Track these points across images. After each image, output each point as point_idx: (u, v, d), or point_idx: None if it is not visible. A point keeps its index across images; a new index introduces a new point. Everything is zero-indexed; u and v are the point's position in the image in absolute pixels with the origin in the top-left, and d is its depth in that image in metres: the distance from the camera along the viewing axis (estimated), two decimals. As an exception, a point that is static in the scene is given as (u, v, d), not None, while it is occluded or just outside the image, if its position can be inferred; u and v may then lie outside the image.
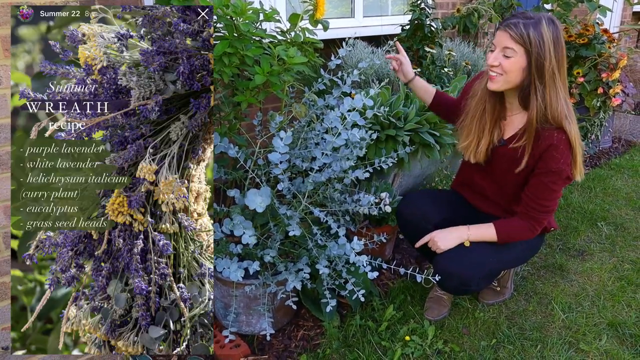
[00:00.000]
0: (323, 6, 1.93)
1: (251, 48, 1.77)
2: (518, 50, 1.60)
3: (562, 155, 1.66)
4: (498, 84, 1.67)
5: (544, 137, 1.67)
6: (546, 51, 1.58)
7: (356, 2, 3.46)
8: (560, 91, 1.64)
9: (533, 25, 1.58)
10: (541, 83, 1.61)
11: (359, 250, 1.62)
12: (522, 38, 1.58)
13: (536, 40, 1.57)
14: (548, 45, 1.58)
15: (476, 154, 1.80)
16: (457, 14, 3.62)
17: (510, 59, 1.61)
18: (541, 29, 1.58)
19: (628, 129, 4.64)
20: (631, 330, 1.97)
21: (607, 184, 3.35)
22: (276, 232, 1.76)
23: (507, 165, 1.79)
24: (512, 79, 1.65)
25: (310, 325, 2.01)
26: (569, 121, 1.66)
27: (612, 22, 5.80)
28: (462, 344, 1.91)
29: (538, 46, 1.58)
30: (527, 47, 1.59)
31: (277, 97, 1.96)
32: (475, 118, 1.78)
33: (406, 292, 2.18)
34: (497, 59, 1.64)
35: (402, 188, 2.58)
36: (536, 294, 2.20)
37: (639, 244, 2.60)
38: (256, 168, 1.81)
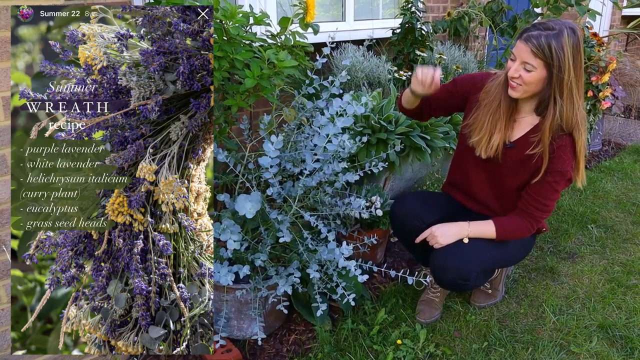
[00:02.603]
0: (313, 10, 1.93)
1: (241, 52, 1.76)
2: (538, 65, 1.60)
3: (567, 156, 1.70)
4: (519, 92, 1.68)
5: (555, 140, 1.70)
6: (567, 65, 1.58)
7: (347, 5, 3.47)
8: (576, 102, 1.65)
9: (555, 37, 1.56)
10: (561, 97, 1.63)
11: (348, 255, 1.62)
12: (544, 53, 1.57)
13: (557, 54, 1.56)
14: (568, 59, 1.57)
15: (487, 149, 1.79)
16: (447, 18, 3.63)
17: (530, 72, 1.62)
18: (562, 41, 1.56)
19: (617, 131, 4.68)
20: (621, 332, 1.98)
21: (597, 186, 3.37)
22: (267, 236, 1.76)
23: (515, 168, 1.80)
24: (531, 89, 1.66)
25: (301, 330, 2.00)
26: (579, 131, 1.68)
27: (601, 25, 5.85)
28: (453, 347, 1.91)
29: (559, 60, 1.57)
30: (548, 61, 1.58)
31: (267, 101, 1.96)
32: (489, 114, 1.77)
33: (398, 295, 2.18)
34: (517, 71, 1.64)
35: (393, 191, 2.58)
36: (527, 296, 2.20)
37: (628, 246, 2.62)
38: (246, 172, 1.80)
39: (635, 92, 4.35)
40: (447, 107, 1.98)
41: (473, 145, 1.83)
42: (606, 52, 3.57)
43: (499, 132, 1.76)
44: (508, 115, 1.77)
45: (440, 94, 1.92)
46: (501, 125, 1.76)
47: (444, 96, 1.93)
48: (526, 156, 1.75)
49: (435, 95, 1.91)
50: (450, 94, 1.93)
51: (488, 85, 1.81)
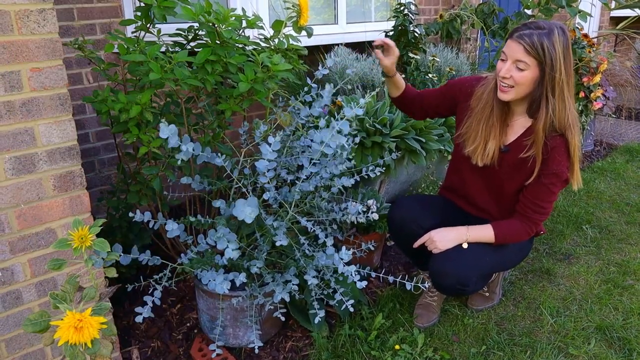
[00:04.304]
0: (307, 13, 1.91)
1: (234, 55, 1.74)
2: (531, 64, 1.58)
3: (562, 157, 1.69)
4: (510, 95, 1.66)
5: (548, 141, 1.69)
6: (559, 64, 1.57)
7: (339, 8, 3.46)
8: (568, 102, 1.64)
9: (546, 36, 1.56)
10: (553, 96, 1.62)
11: (348, 260, 1.59)
12: (537, 51, 1.56)
13: (550, 52, 1.56)
14: (559, 58, 1.57)
15: (483, 157, 1.78)
16: (440, 20, 3.64)
17: (522, 72, 1.60)
18: (554, 40, 1.56)
19: (609, 132, 4.71)
20: (619, 333, 1.97)
21: (590, 187, 3.38)
22: (263, 242, 1.73)
23: (511, 172, 1.79)
24: (523, 90, 1.64)
25: (298, 336, 1.97)
26: (572, 131, 1.67)
27: (590, 27, 5.89)
28: (452, 351, 1.90)
29: (552, 59, 1.56)
30: (540, 59, 1.57)
31: (260, 105, 1.94)
32: (483, 121, 1.76)
33: (395, 299, 2.16)
34: (509, 72, 1.62)
35: (388, 195, 2.57)
36: (524, 298, 2.20)
37: (623, 247, 2.62)
38: (242, 177, 1.78)
39: (625, 93, 4.39)
40: (438, 108, 1.97)
41: (469, 154, 1.82)
42: (597, 53, 3.59)
43: (494, 139, 1.75)
44: (502, 121, 1.75)
45: (433, 94, 1.94)
46: (496, 132, 1.75)
47: (435, 96, 1.94)
48: (521, 159, 1.74)
49: (428, 94, 1.94)
50: (442, 95, 1.93)
51: (478, 91, 1.80)
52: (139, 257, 1.61)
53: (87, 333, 1.04)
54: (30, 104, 1.34)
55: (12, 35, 1.27)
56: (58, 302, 1.10)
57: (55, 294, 1.11)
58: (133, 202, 1.97)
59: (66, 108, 1.40)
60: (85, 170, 1.51)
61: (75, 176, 1.46)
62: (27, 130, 1.35)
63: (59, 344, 1.03)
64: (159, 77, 1.59)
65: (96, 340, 1.06)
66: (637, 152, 4.08)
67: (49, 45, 1.33)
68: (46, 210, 1.43)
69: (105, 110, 1.73)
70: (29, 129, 1.35)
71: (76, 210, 1.48)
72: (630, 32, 4.80)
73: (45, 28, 1.32)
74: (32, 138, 1.36)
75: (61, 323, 1.04)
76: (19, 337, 1.48)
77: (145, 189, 1.98)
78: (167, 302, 2.17)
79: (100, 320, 1.07)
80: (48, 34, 1.33)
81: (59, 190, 1.44)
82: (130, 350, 1.89)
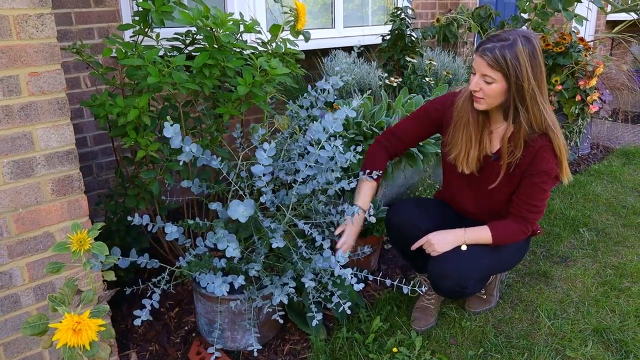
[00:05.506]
0: (304, 17, 1.92)
1: (232, 59, 1.75)
2: (496, 77, 1.63)
3: (549, 155, 1.72)
4: (483, 105, 1.71)
5: (532, 143, 1.72)
6: (524, 73, 1.60)
7: (337, 12, 3.47)
8: (542, 105, 1.68)
9: (509, 48, 1.59)
10: (523, 104, 1.66)
11: (344, 263, 1.60)
12: (499, 64, 1.60)
13: (513, 63, 1.59)
14: (525, 67, 1.60)
15: (468, 164, 1.82)
16: (436, 24, 3.66)
17: (490, 84, 1.65)
18: (517, 51, 1.59)
19: (606, 135, 4.73)
20: (616, 335, 1.98)
21: (587, 189, 3.40)
22: (260, 245, 1.74)
23: (501, 181, 1.81)
24: (494, 101, 1.69)
25: (296, 339, 1.98)
26: (554, 131, 1.71)
27: (587, 30, 5.92)
28: (449, 354, 1.90)
29: (516, 69, 1.60)
30: (504, 71, 1.61)
31: (257, 109, 1.95)
32: (460, 130, 1.81)
33: (392, 302, 2.17)
34: (478, 85, 1.67)
35: (386, 198, 2.57)
36: (521, 301, 2.20)
37: (620, 249, 2.63)
38: (239, 180, 1.78)
39: (621, 96, 4.41)
40: (421, 135, 1.99)
41: (454, 162, 1.86)
42: (593, 57, 3.61)
43: (475, 146, 1.79)
44: (480, 128, 1.79)
45: (410, 128, 1.96)
46: (475, 139, 1.79)
47: (413, 130, 1.96)
48: (509, 165, 1.76)
49: (404, 132, 1.95)
50: (420, 122, 1.95)
51: (457, 102, 1.84)
52: (138, 260, 1.61)
53: (86, 335, 1.04)
54: (29, 108, 1.34)
55: (10, 39, 1.28)
56: (56, 305, 1.10)
57: (54, 297, 1.12)
58: (131, 205, 1.98)
59: (64, 112, 1.41)
60: (83, 174, 1.51)
61: (73, 180, 1.46)
62: (26, 134, 1.35)
63: (57, 346, 1.03)
64: (157, 81, 1.60)
65: (94, 343, 1.07)
66: (633, 155, 4.10)
67: (47, 49, 1.34)
68: (44, 214, 1.43)
69: (103, 114, 1.73)
70: (27, 133, 1.35)
71: (74, 214, 1.49)
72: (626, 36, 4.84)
73: (44, 33, 1.33)
74: (30, 142, 1.36)
75: (60, 325, 1.04)
76: (17, 340, 1.48)
77: (143, 192, 1.99)
78: (165, 305, 2.17)
79: (98, 322, 1.07)
80: (46, 38, 1.33)
81: (57, 194, 1.44)
82: (128, 354, 1.89)
